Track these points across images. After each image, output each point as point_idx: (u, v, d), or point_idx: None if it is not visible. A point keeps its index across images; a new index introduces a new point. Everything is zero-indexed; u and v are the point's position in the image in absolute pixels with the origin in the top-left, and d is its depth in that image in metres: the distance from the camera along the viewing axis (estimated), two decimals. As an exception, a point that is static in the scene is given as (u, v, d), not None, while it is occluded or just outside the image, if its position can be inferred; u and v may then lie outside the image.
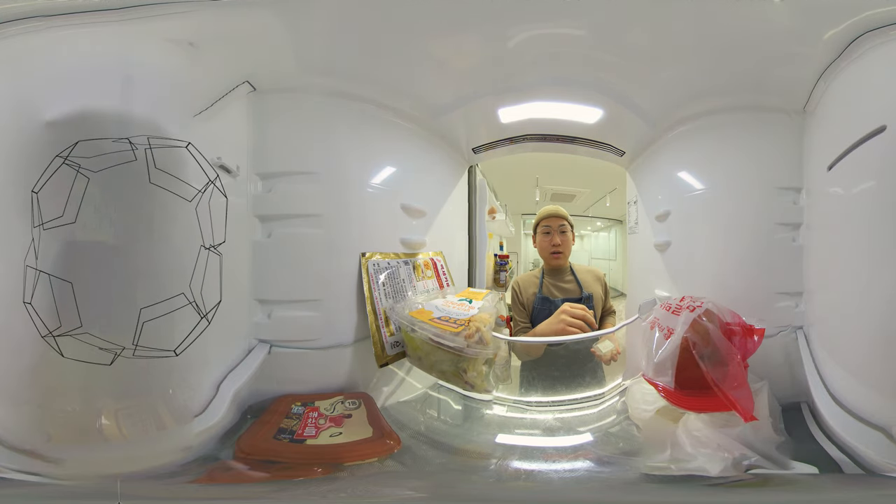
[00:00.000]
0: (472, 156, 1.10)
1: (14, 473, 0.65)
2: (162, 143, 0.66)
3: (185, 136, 0.69)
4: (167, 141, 0.67)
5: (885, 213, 0.65)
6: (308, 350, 0.85)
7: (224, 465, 0.70)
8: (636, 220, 1.12)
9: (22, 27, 0.67)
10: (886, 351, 0.65)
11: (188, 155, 0.69)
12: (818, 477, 0.68)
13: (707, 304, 0.75)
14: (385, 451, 0.73)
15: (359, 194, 0.91)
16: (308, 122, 0.86)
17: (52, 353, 0.63)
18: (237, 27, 0.77)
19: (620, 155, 1.07)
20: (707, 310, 0.74)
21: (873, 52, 0.69)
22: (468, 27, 0.82)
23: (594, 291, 1.19)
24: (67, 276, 0.62)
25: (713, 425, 0.73)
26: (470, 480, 0.73)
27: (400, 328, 0.87)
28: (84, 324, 0.62)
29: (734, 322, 0.74)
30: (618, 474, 0.73)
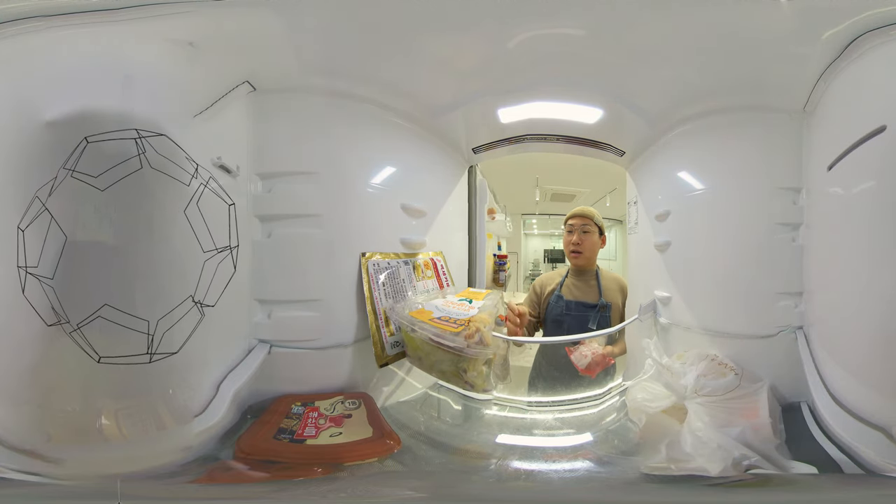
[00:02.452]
0: (472, 156, 1.10)
1: (14, 473, 0.65)
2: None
3: (185, 136, 0.69)
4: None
5: (885, 213, 0.65)
6: (308, 350, 0.85)
7: (224, 465, 0.70)
8: (636, 220, 1.12)
9: (22, 27, 0.67)
10: (886, 351, 0.65)
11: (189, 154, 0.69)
12: (818, 477, 0.68)
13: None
14: (385, 451, 0.73)
15: (359, 194, 0.91)
16: (308, 122, 0.86)
17: (53, 352, 0.63)
18: (237, 27, 0.77)
19: (620, 155, 1.07)
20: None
21: (873, 52, 0.69)
22: (468, 27, 0.82)
23: (613, 301, 1.18)
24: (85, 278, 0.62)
25: (713, 425, 0.73)
26: (470, 480, 0.73)
27: (400, 328, 0.87)
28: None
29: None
30: (617, 474, 0.73)
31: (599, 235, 1.21)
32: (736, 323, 0.89)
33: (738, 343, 0.88)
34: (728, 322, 0.90)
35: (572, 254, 1.20)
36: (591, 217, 1.20)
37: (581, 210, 1.21)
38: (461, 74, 0.91)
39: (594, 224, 1.20)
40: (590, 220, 1.19)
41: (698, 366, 0.85)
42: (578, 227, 1.19)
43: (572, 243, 1.20)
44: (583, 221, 1.19)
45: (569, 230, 1.21)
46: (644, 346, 1.00)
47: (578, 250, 1.19)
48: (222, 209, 0.75)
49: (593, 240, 1.20)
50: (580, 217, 1.20)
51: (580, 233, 1.19)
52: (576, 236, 1.19)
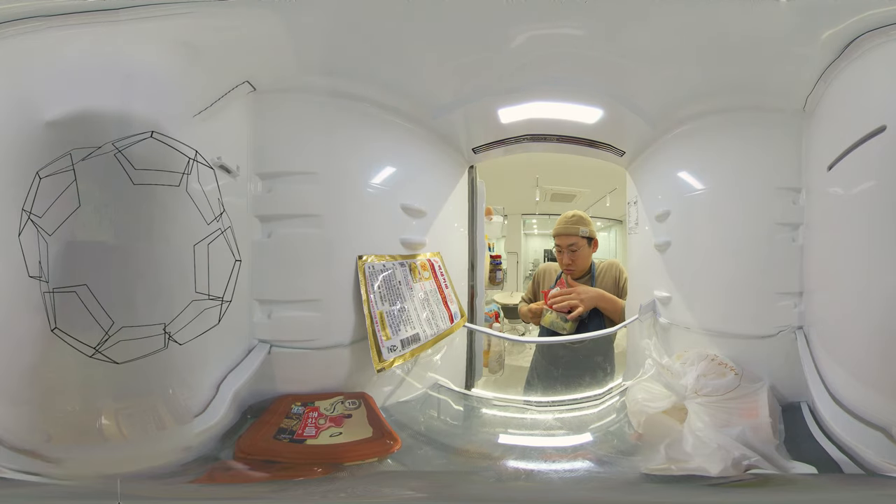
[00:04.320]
0: (472, 156, 1.10)
1: (14, 473, 0.65)
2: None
3: (185, 135, 0.69)
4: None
5: (885, 213, 0.65)
6: (308, 350, 0.85)
7: (224, 465, 0.70)
8: (636, 220, 1.12)
9: (22, 27, 0.67)
10: (886, 351, 0.65)
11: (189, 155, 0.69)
12: (818, 477, 0.68)
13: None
14: (385, 451, 0.73)
15: (359, 194, 0.91)
16: (308, 122, 0.86)
17: (53, 352, 0.63)
18: (237, 27, 0.77)
19: (620, 155, 1.07)
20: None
21: (873, 52, 0.69)
22: (468, 27, 0.82)
23: (604, 287, 1.21)
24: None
25: (713, 425, 0.73)
26: (470, 480, 0.73)
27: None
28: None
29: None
30: (617, 474, 0.73)
31: (589, 243, 1.22)
32: (736, 323, 0.89)
33: (738, 343, 0.88)
34: (728, 322, 0.90)
35: (566, 271, 1.24)
36: (576, 233, 1.21)
37: (564, 227, 1.21)
38: (461, 74, 0.91)
39: (580, 238, 1.21)
40: (574, 237, 1.21)
41: (698, 366, 0.85)
42: (565, 247, 1.21)
43: (564, 264, 1.23)
44: (568, 241, 1.21)
45: (557, 250, 1.23)
46: (644, 346, 1.00)
47: (570, 268, 1.23)
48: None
49: (583, 254, 1.22)
50: (564, 237, 1.21)
51: (568, 252, 1.20)
52: (566, 257, 1.21)
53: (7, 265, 0.63)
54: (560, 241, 1.22)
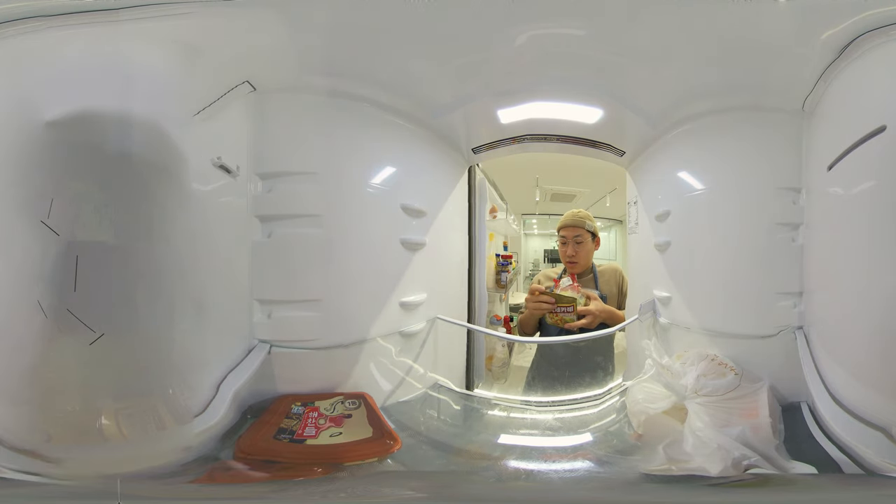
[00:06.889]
0: (472, 156, 1.10)
1: (14, 473, 0.65)
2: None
3: (185, 135, 0.69)
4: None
5: (885, 213, 0.65)
6: (308, 350, 0.85)
7: (224, 465, 0.70)
8: (636, 220, 1.12)
9: (22, 27, 0.67)
10: (886, 351, 0.65)
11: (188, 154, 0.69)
12: (818, 477, 0.68)
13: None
14: (385, 451, 0.73)
15: (358, 194, 0.91)
16: (308, 122, 0.86)
17: (53, 352, 0.63)
18: (237, 27, 0.77)
19: (620, 155, 1.07)
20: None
21: (873, 52, 0.69)
22: (468, 27, 0.82)
23: (608, 292, 1.21)
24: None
25: (713, 425, 0.73)
26: (470, 480, 0.73)
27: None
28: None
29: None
30: (617, 474, 0.73)
31: (592, 239, 1.22)
32: (736, 323, 0.89)
33: (738, 343, 0.88)
34: (728, 322, 0.90)
35: (569, 263, 1.24)
36: (582, 225, 1.21)
37: (570, 220, 1.22)
38: (461, 74, 0.91)
39: (586, 231, 1.21)
40: (581, 230, 1.21)
41: (698, 366, 0.85)
42: (571, 238, 1.21)
43: (567, 256, 1.23)
44: (574, 232, 1.21)
45: (562, 242, 1.23)
46: (644, 346, 1.00)
47: (574, 261, 1.22)
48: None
49: (587, 248, 1.22)
50: (572, 228, 1.21)
51: (573, 244, 1.21)
52: (570, 248, 1.21)
53: (7, 265, 0.63)
54: (566, 231, 1.22)
